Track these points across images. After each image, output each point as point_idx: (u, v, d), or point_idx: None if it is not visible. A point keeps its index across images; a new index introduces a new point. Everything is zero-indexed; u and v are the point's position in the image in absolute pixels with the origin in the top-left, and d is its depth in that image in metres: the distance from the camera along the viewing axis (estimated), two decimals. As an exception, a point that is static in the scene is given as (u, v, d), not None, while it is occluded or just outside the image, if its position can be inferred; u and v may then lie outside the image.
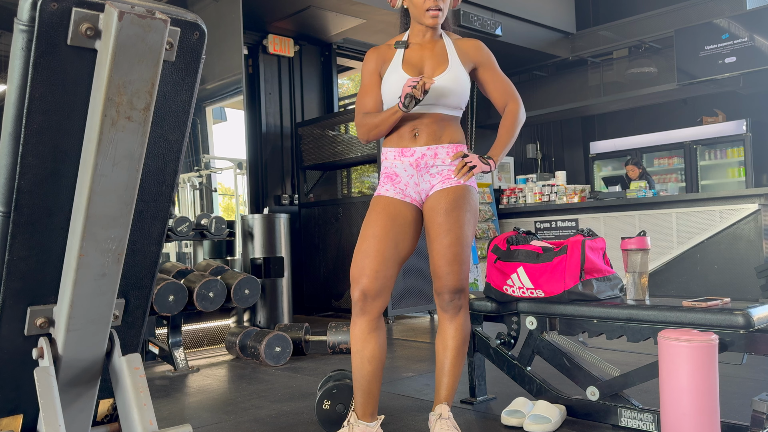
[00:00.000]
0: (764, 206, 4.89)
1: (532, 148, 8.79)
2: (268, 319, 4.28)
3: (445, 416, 2.00)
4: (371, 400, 2.04)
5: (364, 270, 2.00)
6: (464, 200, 2.04)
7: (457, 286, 2.02)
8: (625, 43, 7.25)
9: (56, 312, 1.40)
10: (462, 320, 2.08)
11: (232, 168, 5.24)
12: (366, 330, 2.02)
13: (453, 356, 2.06)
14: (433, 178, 2.07)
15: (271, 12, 5.64)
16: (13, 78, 1.21)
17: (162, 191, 1.45)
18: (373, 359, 2.02)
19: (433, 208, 2.04)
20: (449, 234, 2.00)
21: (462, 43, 2.15)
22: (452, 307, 2.05)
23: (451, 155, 2.07)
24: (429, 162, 2.06)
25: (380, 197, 2.10)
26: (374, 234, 2.03)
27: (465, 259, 2.03)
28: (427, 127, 2.07)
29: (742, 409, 2.27)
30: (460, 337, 2.07)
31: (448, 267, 2.00)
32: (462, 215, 2.02)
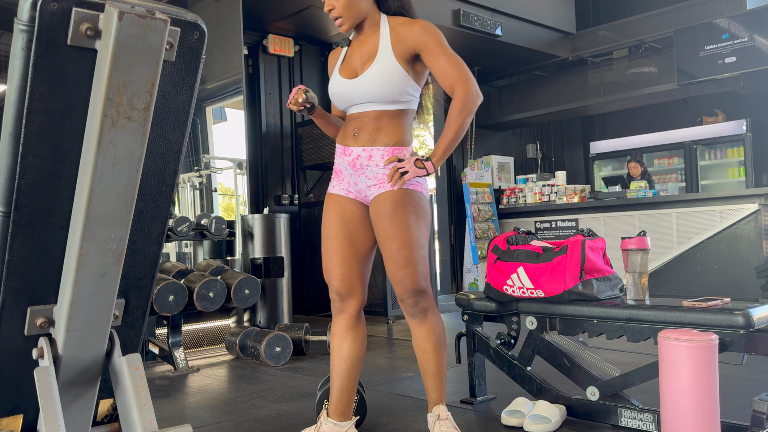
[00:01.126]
0: (764, 206, 4.89)
1: (532, 148, 8.79)
2: (268, 319, 4.28)
3: (443, 417, 1.99)
4: (344, 398, 2.07)
5: (331, 273, 2.06)
6: (405, 202, 1.96)
7: (415, 288, 1.96)
8: (625, 43, 7.24)
9: (56, 312, 1.40)
10: (431, 322, 2.02)
11: (232, 168, 5.24)
12: (342, 328, 2.07)
13: (432, 359, 2.02)
14: (369, 180, 2.01)
15: (271, 12, 5.64)
16: (13, 78, 1.21)
17: (162, 191, 1.45)
18: (348, 357, 2.05)
19: (376, 213, 2.00)
20: (396, 238, 1.94)
21: (403, 27, 1.98)
22: (417, 311, 2.00)
23: (385, 159, 1.99)
24: (364, 163, 2.01)
25: (329, 195, 2.12)
26: (329, 235, 2.08)
27: (419, 260, 1.96)
28: (366, 126, 2.01)
29: (742, 409, 2.27)
30: (434, 339, 2.02)
31: (402, 271, 1.95)
32: (406, 218, 1.95)
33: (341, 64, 2.08)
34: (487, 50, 6.92)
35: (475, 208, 6.54)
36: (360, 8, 2.00)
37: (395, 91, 1.96)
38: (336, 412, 2.06)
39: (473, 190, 6.57)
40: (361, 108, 2.02)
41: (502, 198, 6.81)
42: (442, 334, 2.05)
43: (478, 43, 6.60)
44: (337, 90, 2.06)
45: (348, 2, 1.98)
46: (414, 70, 2.01)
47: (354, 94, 2.01)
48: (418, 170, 1.94)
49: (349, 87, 2.01)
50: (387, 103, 1.99)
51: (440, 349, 2.04)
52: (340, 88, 2.04)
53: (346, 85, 2.02)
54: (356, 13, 2.00)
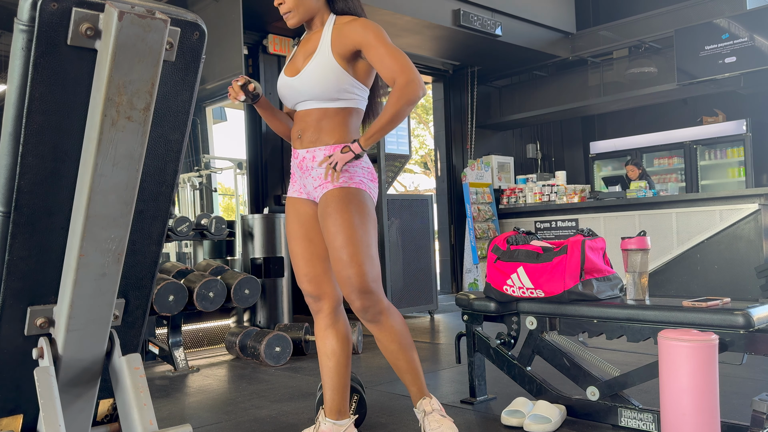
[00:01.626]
0: (764, 206, 4.89)
1: (532, 148, 8.79)
2: (268, 319, 4.28)
3: (428, 410, 1.98)
4: (337, 396, 2.06)
5: (299, 275, 2.10)
6: (348, 201, 1.94)
7: (362, 288, 1.90)
8: (625, 43, 7.24)
9: (56, 312, 1.40)
10: (389, 323, 1.98)
11: (232, 168, 5.24)
12: (322, 327, 2.08)
13: (402, 357, 2.00)
14: (315, 181, 2.02)
15: (271, 12, 5.64)
16: (13, 78, 1.21)
17: (162, 191, 1.45)
18: (333, 354, 2.06)
19: (320, 214, 2.00)
20: (338, 236, 1.92)
21: (346, 25, 1.97)
22: (371, 315, 1.95)
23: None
24: (309, 165, 2.02)
25: (287, 198, 2.16)
26: (290, 237, 2.12)
27: (364, 259, 1.91)
28: (309, 127, 2.01)
29: (742, 409, 2.27)
30: (397, 339, 1.99)
31: (345, 270, 1.91)
32: (348, 216, 1.93)
33: (288, 62, 2.10)
34: (487, 50, 6.92)
35: (475, 208, 6.54)
36: (310, 5, 2.00)
37: (332, 88, 1.96)
38: (332, 411, 2.06)
39: (473, 190, 6.57)
40: (303, 106, 2.03)
41: (502, 198, 6.81)
42: (404, 332, 2.01)
43: (478, 43, 6.61)
44: (281, 88, 2.07)
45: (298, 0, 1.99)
46: (356, 67, 1.99)
47: (295, 91, 2.02)
48: (344, 155, 1.91)
49: (290, 84, 2.02)
50: (326, 100, 1.98)
51: (406, 346, 2.01)
52: (284, 85, 2.05)
53: (288, 82, 2.03)
54: (306, 9, 2.00)
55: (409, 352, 2.02)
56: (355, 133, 2.04)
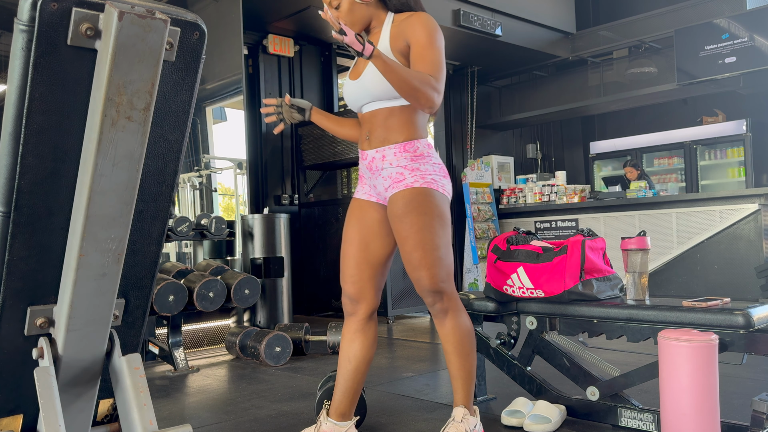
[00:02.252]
0: (764, 206, 4.89)
1: (532, 148, 8.79)
2: (268, 319, 4.28)
3: (458, 419, 1.97)
4: (346, 399, 2.08)
5: (344, 276, 2.10)
6: (416, 203, 1.93)
7: (431, 289, 1.95)
8: (625, 43, 7.24)
9: (56, 312, 1.40)
10: (452, 323, 2.00)
11: (232, 168, 5.24)
12: (351, 330, 2.09)
13: (453, 360, 2.01)
14: (385, 181, 2.01)
15: (271, 12, 5.64)
16: (13, 78, 1.20)
17: (162, 191, 1.45)
18: (354, 359, 2.07)
19: (390, 215, 2.00)
20: (408, 240, 1.94)
21: (403, 21, 1.97)
22: (437, 312, 1.99)
23: (397, 155, 1.98)
24: (379, 165, 2.02)
25: (353, 199, 2.16)
26: (346, 238, 2.12)
27: (433, 261, 1.93)
28: (377, 127, 2.01)
29: (742, 409, 2.27)
30: (454, 340, 2.00)
31: (415, 273, 1.95)
32: (417, 218, 1.93)
33: (352, 67, 2.12)
34: (487, 50, 6.92)
35: (475, 208, 6.54)
36: (362, 14, 2.01)
37: None
38: (337, 413, 2.07)
39: (473, 190, 6.57)
40: (369, 108, 2.04)
41: (502, 198, 6.81)
42: (465, 337, 2.01)
43: (478, 43, 6.61)
44: (347, 92, 2.09)
45: (348, 10, 1.99)
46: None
47: (359, 94, 2.03)
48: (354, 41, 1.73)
49: (355, 87, 2.04)
50: (390, 99, 1.98)
51: (461, 351, 2.00)
52: (348, 89, 2.07)
53: (353, 86, 2.05)
54: (358, 17, 2.01)
55: (461, 356, 2.01)
56: (423, 130, 2.04)
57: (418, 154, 1.98)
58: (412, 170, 1.96)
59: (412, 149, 1.98)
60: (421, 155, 1.99)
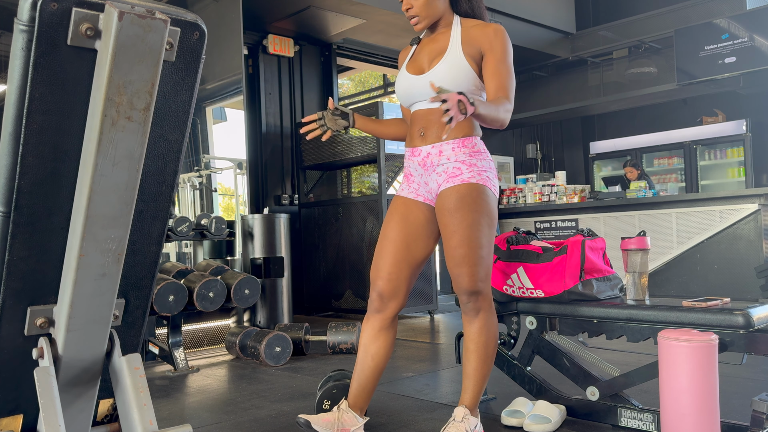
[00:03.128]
0: (764, 206, 4.89)
1: (532, 148, 8.79)
2: (268, 319, 4.28)
3: (458, 419, 1.97)
4: (364, 395, 2.08)
5: (379, 272, 2.07)
6: (470, 199, 1.95)
7: (468, 289, 1.96)
8: (625, 43, 7.24)
9: (56, 312, 1.40)
10: (481, 323, 2.00)
11: (232, 168, 5.24)
12: (377, 328, 2.08)
13: (473, 359, 2.00)
14: (440, 177, 2.02)
15: (271, 12, 5.64)
16: (13, 78, 1.20)
17: (162, 191, 1.45)
18: (377, 356, 2.07)
19: (440, 208, 2.01)
20: (455, 235, 1.95)
21: (476, 29, 2.01)
22: (469, 310, 1.99)
23: (456, 150, 1.99)
24: (434, 161, 2.02)
25: (396, 197, 2.15)
26: (387, 235, 2.09)
27: (476, 260, 1.94)
28: (433, 123, 2.02)
29: (742, 409, 2.27)
30: (479, 340, 2.00)
31: (457, 269, 1.96)
32: (467, 215, 1.94)
33: (409, 60, 2.11)
34: (487, 50, 6.91)
35: (475, 208, 6.53)
36: (437, 8, 2.03)
37: (462, 88, 1.96)
38: (356, 407, 2.08)
39: (473, 190, 6.56)
40: (426, 105, 2.03)
41: (502, 198, 6.80)
42: (490, 340, 2.01)
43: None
44: (404, 86, 2.07)
45: (426, 2, 2.00)
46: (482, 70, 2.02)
47: (420, 90, 2.02)
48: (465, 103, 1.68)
49: (416, 83, 2.03)
50: None
51: (484, 352, 2.01)
52: (407, 84, 2.06)
53: (413, 81, 2.04)
54: (433, 12, 2.03)
55: (481, 360, 2.01)
56: (478, 129, 2.05)
57: (475, 150, 2.01)
58: (470, 165, 1.98)
59: (471, 145, 2.01)
60: (478, 151, 2.01)
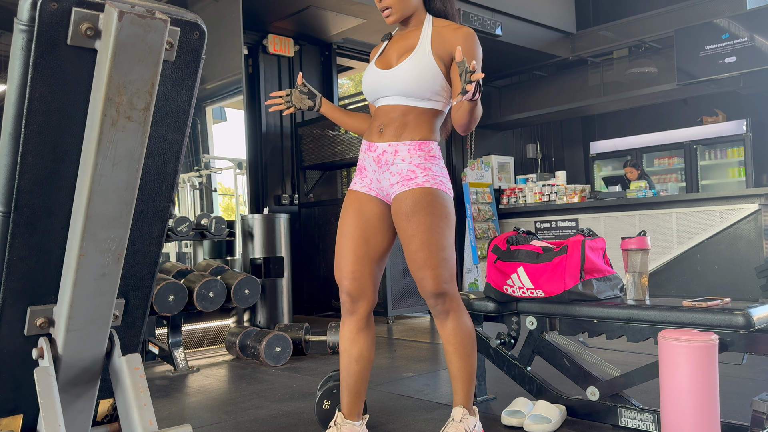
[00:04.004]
0: (764, 206, 4.89)
1: (532, 148, 8.79)
2: (268, 319, 4.28)
3: (457, 419, 1.97)
4: (358, 399, 2.06)
5: (343, 271, 2.03)
6: (426, 203, 1.93)
7: (433, 291, 1.94)
8: (625, 43, 7.24)
9: (56, 312, 1.40)
10: (453, 324, 1.99)
11: (232, 168, 5.24)
12: (354, 330, 2.05)
13: (454, 360, 2.00)
14: (393, 177, 1.99)
15: (271, 12, 5.64)
16: (13, 78, 1.20)
17: (162, 191, 1.45)
18: (361, 359, 2.05)
19: (396, 212, 1.98)
20: (414, 239, 1.93)
21: (447, 30, 1.99)
22: (438, 312, 1.98)
23: (411, 152, 1.96)
24: (389, 159, 1.99)
25: (350, 191, 2.11)
26: (344, 232, 2.06)
27: (438, 262, 1.93)
28: (393, 121, 2.00)
29: (742, 409, 2.27)
30: (456, 340, 1.99)
31: (419, 273, 1.94)
32: (424, 218, 1.92)
33: (378, 56, 2.10)
34: (487, 50, 6.88)
35: (475, 208, 6.54)
36: (411, 3, 2.02)
37: (426, 87, 1.95)
38: (352, 413, 2.06)
39: (473, 190, 6.57)
40: (389, 101, 2.01)
41: (502, 198, 6.81)
42: (466, 338, 2.00)
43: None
44: (369, 80, 2.06)
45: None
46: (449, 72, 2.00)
47: (385, 85, 2.00)
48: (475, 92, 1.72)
49: (381, 78, 2.01)
50: (416, 99, 1.98)
51: (462, 352, 2.00)
52: (373, 78, 2.04)
53: (379, 75, 2.02)
54: (406, 6, 2.01)
55: (463, 359, 2.00)
56: (437, 134, 2.04)
57: (431, 155, 1.99)
58: (425, 169, 1.96)
59: (427, 149, 1.99)
60: (433, 156, 1.99)
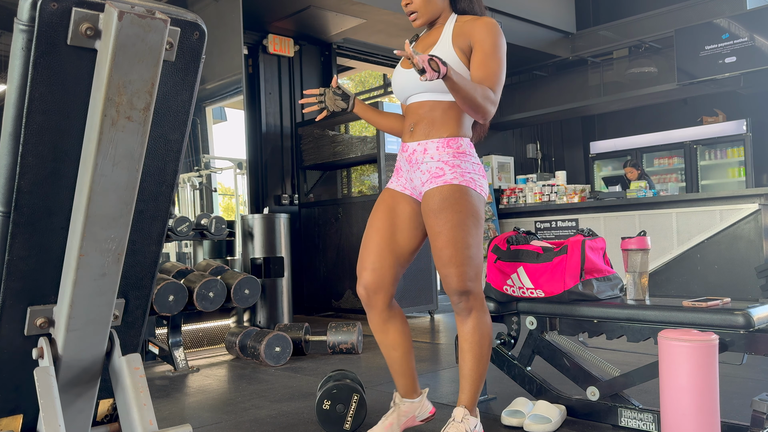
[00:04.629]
0: (764, 206, 4.89)
1: (532, 148, 8.79)
2: (268, 319, 4.28)
3: (458, 419, 1.97)
4: (409, 380, 2.12)
5: (364, 263, 2.06)
6: (453, 200, 1.93)
7: (457, 289, 1.95)
8: (625, 43, 7.25)
9: (56, 312, 1.40)
10: (474, 322, 1.99)
11: (232, 168, 5.24)
12: (379, 322, 2.08)
13: (467, 359, 2.00)
14: (423, 175, 2.01)
15: (271, 12, 5.64)
16: (13, 78, 1.20)
17: (162, 191, 1.45)
18: (398, 346, 2.08)
19: (425, 210, 2.00)
20: (440, 236, 1.94)
21: (468, 22, 2.00)
22: (461, 309, 1.99)
23: (440, 149, 1.98)
24: (419, 158, 2.02)
25: (386, 189, 2.16)
26: (372, 224, 2.09)
27: (463, 260, 1.93)
28: (422, 119, 2.02)
29: (742, 409, 2.27)
30: (473, 339, 1.99)
31: (444, 270, 1.95)
32: (452, 215, 1.93)
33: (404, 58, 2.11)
34: (487, 50, 6.91)
35: (475, 208, 6.54)
36: (436, 5, 2.04)
37: None
38: (409, 392, 2.12)
39: (473, 190, 6.57)
40: (417, 98, 2.04)
41: (502, 198, 6.81)
42: (484, 339, 2.00)
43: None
44: (398, 80, 2.09)
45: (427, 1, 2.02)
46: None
47: (410, 83, 2.03)
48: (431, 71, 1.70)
49: (407, 76, 2.04)
50: (440, 92, 1.99)
51: (477, 352, 2.00)
52: (401, 78, 2.07)
53: (405, 75, 2.05)
54: (432, 9, 2.04)
55: (476, 359, 2.00)
56: (467, 129, 2.05)
57: (460, 152, 1.99)
58: (453, 166, 1.97)
59: (456, 145, 1.99)
60: (463, 153, 2.00)
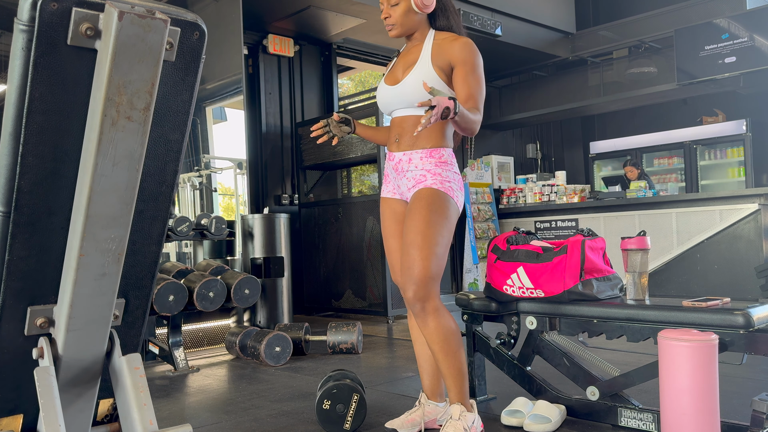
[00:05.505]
0: (764, 206, 4.89)
1: (532, 148, 8.79)
2: (268, 319, 4.28)
3: (455, 417, 1.99)
4: (435, 381, 2.24)
5: (394, 267, 2.24)
6: (431, 199, 2.04)
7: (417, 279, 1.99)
8: (625, 43, 7.25)
9: (56, 312, 1.40)
10: (435, 323, 2.01)
11: (232, 168, 5.24)
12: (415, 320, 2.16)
13: (442, 359, 2.03)
14: (409, 182, 2.14)
15: (271, 12, 5.64)
16: (13, 78, 1.20)
17: (162, 191, 1.45)
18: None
19: (407, 209, 2.14)
20: (411, 230, 2.04)
21: (446, 41, 2.10)
22: (418, 311, 2.02)
23: (423, 159, 2.11)
24: (405, 167, 2.15)
25: (382, 199, 2.31)
26: (386, 234, 2.26)
27: (429, 254, 1.99)
28: (406, 131, 2.14)
29: (742, 409, 2.27)
30: (438, 339, 2.02)
31: (409, 261, 2.01)
32: (426, 213, 2.02)
33: (387, 72, 2.26)
34: (487, 50, 6.91)
35: (475, 208, 6.54)
36: (414, 20, 2.15)
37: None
38: (434, 394, 2.22)
39: (473, 190, 6.57)
40: (401, 113, 2.18)
41: (502, 198, 6.81)
42: (449, 335, 2.03)
43: (478, 43, 6.55)
44: (381, 96, 2.23)
45: (404, 13, 2.13)
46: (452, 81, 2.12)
47: (394, 99, 2.17)
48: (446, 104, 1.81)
49: (391, 93, 2.17)
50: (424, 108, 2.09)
51: (447, 349, 2.02)
52: (383, 94, 2.21)
53: (388, 91, 2.18)
54: (409, 23, 2.15)
55: (450, 356, 2.03)
56: (449, 140, 2.18)
57: (442, 161, 2.13)
58: (434, 174, 2.10)
59: (438, 155, 2.13)
60: (444, 162, 2.13)
